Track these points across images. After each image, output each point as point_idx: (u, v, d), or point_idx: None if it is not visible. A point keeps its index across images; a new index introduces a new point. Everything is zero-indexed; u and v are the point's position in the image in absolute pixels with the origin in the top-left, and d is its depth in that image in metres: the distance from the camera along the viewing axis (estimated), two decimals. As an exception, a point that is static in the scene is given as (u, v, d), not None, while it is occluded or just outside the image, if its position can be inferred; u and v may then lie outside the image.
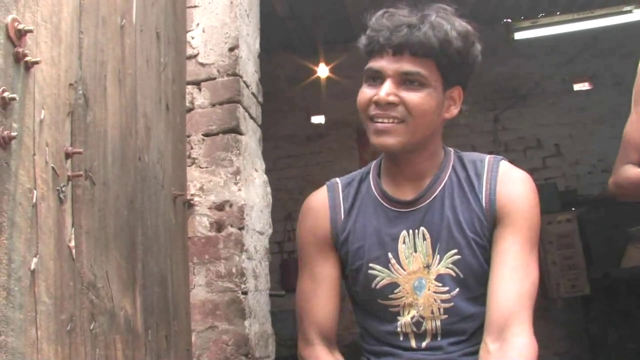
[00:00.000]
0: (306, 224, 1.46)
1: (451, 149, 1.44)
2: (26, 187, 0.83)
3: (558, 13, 5.94)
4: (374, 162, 1.47)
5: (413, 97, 1.28)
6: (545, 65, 6.25)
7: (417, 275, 1.34)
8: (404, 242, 1.35)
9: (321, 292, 1.41)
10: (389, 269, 1.36)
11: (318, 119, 6.76)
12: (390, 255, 1.36)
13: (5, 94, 0.79)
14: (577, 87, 6.45)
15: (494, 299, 1.26)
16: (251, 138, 2.14)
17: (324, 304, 1.41)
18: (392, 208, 1.38)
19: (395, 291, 1.35)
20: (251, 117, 2.16)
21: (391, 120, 1.29)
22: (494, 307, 1.26)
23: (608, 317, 5.07)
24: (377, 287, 1.36)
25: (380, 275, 1.36)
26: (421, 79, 1.29)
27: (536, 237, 1.32)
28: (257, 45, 2.34)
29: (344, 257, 1.42)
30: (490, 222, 1.33)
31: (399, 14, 1.32)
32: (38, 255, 0.85)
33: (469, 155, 1.43)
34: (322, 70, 6.14)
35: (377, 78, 1.32)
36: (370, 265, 1.37)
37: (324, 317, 1.40)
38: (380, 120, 1.30)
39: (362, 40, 1.36)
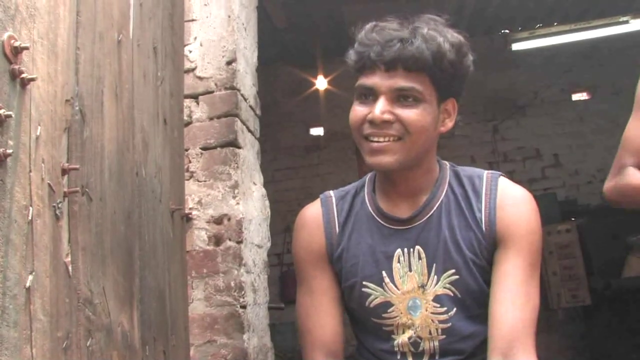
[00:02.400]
0: (301, 240, 1.43)
1: (446, 163, 1.41)
2: (22, 204, 0.83)
3: (555, 24, 5.97)
4: (369, 175, 1.45)
5: (409, 114, 1.25)
6: (543, 76, 6.28)
7: (411, 295, 1.31)
8: (398, 261, 1.32)
9: (321, 307, 1.38)
10: (382, 287, 1.33)
11: (317, 131, 6.78)
12: (384, 273, 1.33)
13: (1, 111, 0.79)
14: (576, 97, 6.47)
15: (497, 324, 1.23)
16: (249, 151, 2.14)
17: (326, 320, 1.37)
18: (387, 225, 1.35)
19: (388, 310, 1.33)
20: (249, 131, 2.16)
21: (387, 139, 1.25)
22: (498, 333, 1.22)
23: (609, 327, 5.05)
24: (371, 305, 1.34)
25: (374, 294, 1.33)
26: (416, 94, 1.25)
27: (538, 260, 1.29)
28: (255, 59, 2.34)
29: (339, 273, 1.39)
30: (490, 243, 1.29)
31: (389, 28, 1.27)
32: (34, 273, 0.84)
33: (465, 171, 1.39)
34: (321, 82, 6.16)
35: (369, 95, 1.28)
36: (364, 283, 1.34)
37: (326, 333, 1.37)
38: (375, 139, 1.26)
39: (352, 56, 1.31)
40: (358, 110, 1.29)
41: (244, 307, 1.90)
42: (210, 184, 1.99)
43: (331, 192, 1.46)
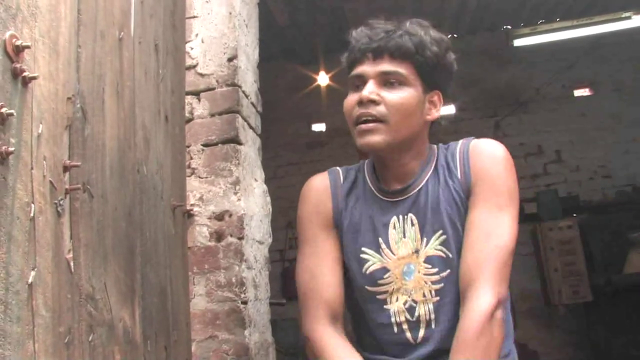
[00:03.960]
0: (309, 203, 1.51)
1: (435, 146, 1.50)
2: (24, 201, 0.84)
3: (557, 20, 5.96)
4: (367, 160, 1.54)
5: (393, 96, 1.36)
6: (545, 72, 6.26)
7: (406, 260, 1.39)
8: (394, 228, 1.41)
9: (326, 268, 1.43)
10: (380, 253, 1.41)
11: (319, 127, 6.78)
12: (380, 240, 1.41)
13: (3, 110, 0.80)
14: (578, 93, 6.46)
15: (460, 268, 1.33)
16: (250, 148, 2.15)
17: (330, 280, 1.42)
18: (384, 198, 1.44)
19: (384, 276, 1.40)
20: (250, 127, 2.17)
21: (372, 119, 1.36)
22: (460, 276, 1.33)
23: (611, 323, 5.06)
24: (368, 271, 1.41)
25: (372, 260, 1.41)
26: (400, 77, 1.37)
27: (507, 202, 1.36)
28: (256, 55, 2.35)
29: (341, 240, 1.46)
30: (467, 194, 1.39)
31: (377, 24, 1.42)
32: (36, 269, 0.85)
33: (447, 144, 1.50)
34: (323, 79, 6.16)
35: (360, 84, 1.40)
36: (363, 249, 1.42)
37: (330, 292, 1.41)
38: (364, 119, 1.36)
39: (345, 54, 1.47)
40: (350, 98, 1.42)
41: (245, 302, 1.91)
42: (211, 181, 1.99)
43: (338, 167, 1.57)
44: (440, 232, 1.38)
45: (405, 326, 1.38)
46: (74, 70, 1.04)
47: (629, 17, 5.55)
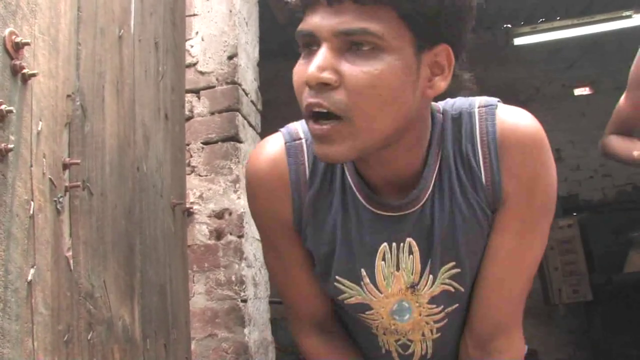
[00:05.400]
0: (260, 204, 1.07)
1: (439, 116, 0.99)
2: (23, 199, 0.84)
3: (558, 18, 5.96)
4: None
5: (356, 72, 0.82)
6: (545, 71, 6.27)
7: (396, 298, 1.03)
8: (383, 259, 1.00)
9: (300, 281, 1.10)
10: (360, 287, 1.03)
11: (319, 125, 6.77)
12: (363, 272, 1.02)
13: (3, 107, 0.79)
14: (578, 92, 6.46)
15: (481, 305, 1.03)
16: (250, 146, 2.15)
17: (307, 293, 1.12)
18: (372, 209, 0.99)
19: (366, 312, 1.06)
20: (250, 125, 2.17)
21: (326, 119, 0.85)
22: (480, 315, 1.04)
23: (611, 323, 5.06)
24: (346, 302, 1.06)
25: (349, 292, 1.04)
26: (372, 39, 0.82)
27: (544, 216, 0.99)
28: (257, 54, 2.35)
29: (310, 253, 1.08)
30: (494, 209, 0.98)
31: None
32: (35, 267, 0.85)
33: (454, 110, 0.99)
34: (323, 77, 6.15)
35: (312, 46, 0.88)
36: (337, 277, 1.04)
37: (310, 304, 1.13)
38: (315, 110, 0.86)
39: None
40: (298, 70, 0.90)
41: (244, 301, 1.91)
42: (211, 179, 1.99)
43: (299, 131, 1.04)
44: (453, 264, 0.99)
45: (394, 355, 1.13)
46: (73, 67, 1.04)
47: (629, 16, 5.55)
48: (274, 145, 1.05)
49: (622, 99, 1.99)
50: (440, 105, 1.00)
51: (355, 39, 0.83)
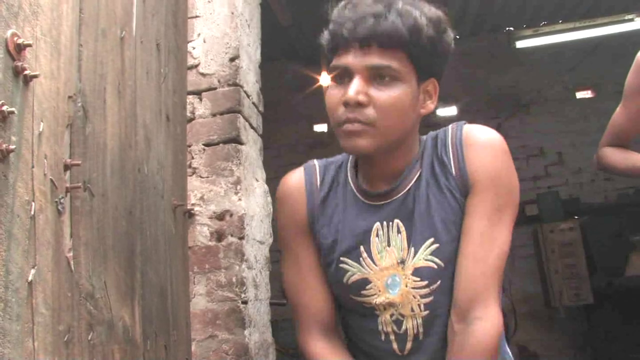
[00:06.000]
0: (284, 210, 1.37)
1: (425, 137, 1.34)
2: (24, 200, 0.84)
3: (560, 21, 5.95)
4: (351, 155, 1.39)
5: (383, 96, 1.17)
6: (547, 74, 6.26)
7: (390, 271, 1.26)
8: (376, 235, 1.27)
9: (309, 278, 1.34)
10: (360, 263, 1.28)
11: (321, 127, 6.78)
12: (362, 248, 1.27)
13: (4, 108, 0.80)
14: (580, 95, 6.45)
15: (459, 279, 1.21)
16: (252, 148, 2.15)
17: (315, 292, 1.33)
18: (367, 201, 1.29)
19: (366, 287, 1.27)
20: (252, 127, 2.17)
21: (362, 123, 1.18)
22: (459, 287, 1.21)
23: (612, 326, 5.05)
24: (349, 282, 1.29)
25: (351, 270, 1.28)
26: (392, 72, 1.17)
27: (507, 203, 1.23)
28: (258, 55, 2.35)
29: (320, 248, 1.33)
30: (464, 194, 1.23)
31: (362, 4, 1.20)
32: (36, 267, 0.85)
33: (434, 132, 1.33)
34: (325, 79, 6.14)
35: (344, 76, 1.21)
36: (341, 259, 1.29)
37: (318, 306, 1.33)
38: (350, 122, 1.19)
39: (325, 36, 1.26)
40: (333, 93, 1.23)
41: (245, 302, 1.91)
42: (212, 180, 2.00)
43: (315, 161, 1.41)
44: (432, 240, 1.23)
45: (392, 337, 1.28)
46: (75, 69, 1.05)
47: (631, 19, 5.54)
48: (297, 171, 1.41)
49: (618, 109, 1.98)
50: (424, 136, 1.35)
51: (380, 72, 1.18)
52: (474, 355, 1.16)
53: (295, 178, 1.39)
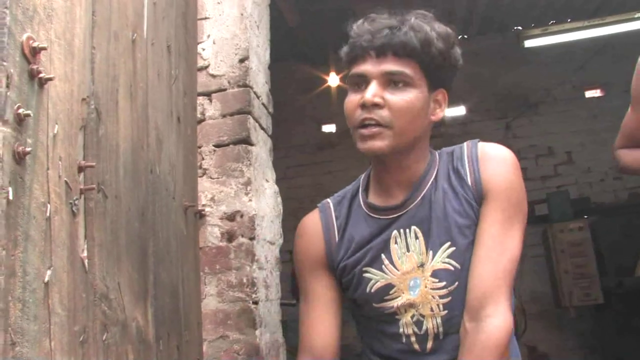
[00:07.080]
0: (299, 247, 1.46)
1: (437, 152, 1.44)
2: (40, 201, 0.85)
3: (569, 20, 5.93)
4: (363, 175, 1.49)
5: (397, 99, 1.28)
6: (556, 73, 6.24)
7: (411, 275, 1.33)
8: (395, 242, 1.35)
9: (314, 313, 1.41)
10: (382, 270, 1.35)
11: (329, 128, 6.79)
12: (383, 256, 1.35)
13: (20, 110, 0.81)
14: (589, 94, 6.43)
15: (471, 280, 1.28)
16: (262, 148, 2.15)
17: (317, 328, 1.39)
18: (383, 217, 1.38)
19: (390, 292, 1.34)
20: (262, 128, 2.18)
21: (378, 125, 1.29)
22: (471, 288, 1.28)
23: (622, 326, 5.03)
24: (372, 290, 1.36)
25: (375, 278, 1.35)
26: (405, 78, 1.29)
27: (518, 213, 1.32)
28: (268, 56, 2.36)
29: (341, 272, 1.41)
30: (479, 202, 1.33)
31: (379, 19, 1.35)
32: (52, 268, 0.86)
33: (449, 148, 1.43)
34: (333, 79, 6.15)
35: (361, 83, 1.32)
36: (364, 269, 1.36)
37: (320, 343, 1.38)
38: (367, 123, 1.29)
39: (345, 49, 1.38)
40: (351, 98, 1.33)
41: (256, 303, 1.92)
42: (223, 181, 2.00)
43: (329, 200, 1.50)
44: (449, 243, 1.31)
45: (413, 338, 1.34)
46: (88, 71, 1.05)
47: (640, 18, 5.52)
48: (312, 212, 1.49)
49: (629, 112, 1.99)
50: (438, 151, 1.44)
51: (394, 77, 1.29)
52: (485, 351, 1.21)
53: (310, 218, 1.48)
